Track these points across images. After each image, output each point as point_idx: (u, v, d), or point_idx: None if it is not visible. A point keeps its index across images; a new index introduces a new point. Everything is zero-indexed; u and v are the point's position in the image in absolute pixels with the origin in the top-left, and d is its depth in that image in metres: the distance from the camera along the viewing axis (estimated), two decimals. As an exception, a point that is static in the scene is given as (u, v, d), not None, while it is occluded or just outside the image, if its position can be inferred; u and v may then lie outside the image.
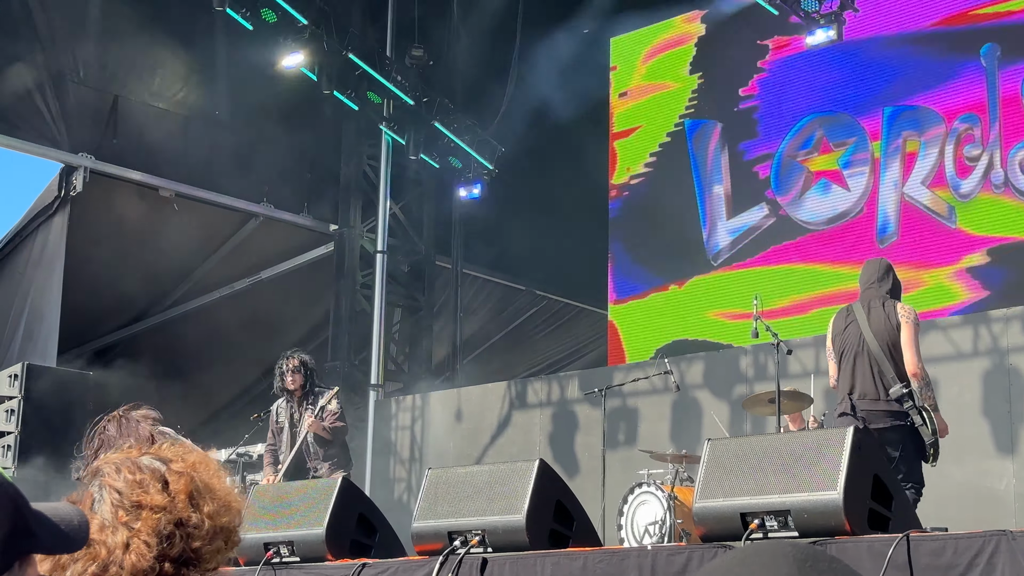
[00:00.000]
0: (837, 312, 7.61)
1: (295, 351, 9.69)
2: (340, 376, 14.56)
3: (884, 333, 7.13)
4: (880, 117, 13.41)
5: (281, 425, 9.55)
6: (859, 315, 7.23)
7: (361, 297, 14.96)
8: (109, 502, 1.85)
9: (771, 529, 5.50)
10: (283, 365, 9.47)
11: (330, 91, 13.44)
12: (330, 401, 9.33)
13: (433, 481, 6.84)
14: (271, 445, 9.64)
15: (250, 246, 15.13)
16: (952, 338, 10.54)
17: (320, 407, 9.27)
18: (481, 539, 6.33)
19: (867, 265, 7.64)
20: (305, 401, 9.42)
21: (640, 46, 15.72)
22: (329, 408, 9.33)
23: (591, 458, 11.68)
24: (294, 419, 9.46)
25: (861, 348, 7.17)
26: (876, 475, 5.60)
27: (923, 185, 13.00)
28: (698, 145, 14.91)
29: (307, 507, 7.16)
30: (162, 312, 15.30)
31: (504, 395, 13.35)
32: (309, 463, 9.43)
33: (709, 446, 5.92)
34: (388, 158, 15.05)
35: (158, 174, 13.90)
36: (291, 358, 9.50)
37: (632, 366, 12.50)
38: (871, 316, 7.21)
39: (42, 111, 12.98)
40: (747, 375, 11.56)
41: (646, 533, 9.22)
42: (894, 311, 7.18)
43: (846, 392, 7.25)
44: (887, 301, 7.24)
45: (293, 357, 9.51)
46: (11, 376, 11.38)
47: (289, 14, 12.75)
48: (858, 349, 7.19)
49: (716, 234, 14.55)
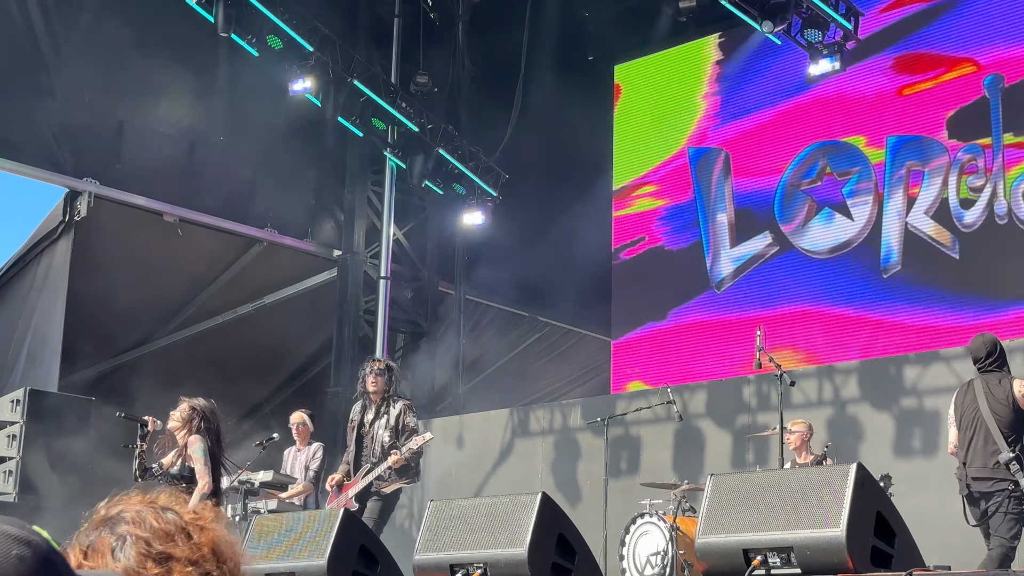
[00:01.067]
0: (960, 386, 8.33)
1: (380, 357, 9.94)
2: (342, 401, 14.56)
3: (1000, 408, 7.82)
4: (883, 147, 13.43)
5: (353, 425, 9.77)
6: (978, 391, 7.94)
7: (364, 323, 14.96)
8: (136, 551, 1.78)
9: (774, 566, 5.49)
10: (367, 368, 9.74)
11: (335, 117, 13.48)
12: (407, 415, 9.57)
13: (435, 513, 6.83)
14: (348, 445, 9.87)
15: (254, 271, 15.14)
16: (955, 369, 10.53)
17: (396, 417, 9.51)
18: (483, 572, 6.32)
19: (977, 341, 8.19)
20: (382, 407, 9.63)
21: (644, 74, 15.77)
22: (408, 423, 9.54)
23: (593, 487, 11.66)
24: (364, 421, 9.67)
25: (978, 422, 7.86)
26: (879, 512, 5.58)
27: (926, 215, 13.01)
28: (702, 173, 14.94)
29: (309, 538, 7.14)
30: (165, 337, 15.29)
31: (506, 422, 13.33)
32: None
33: (712, 481, 5.91)
34: (392, 184, 15.09)
35: (162, 199, 13.92)
36: (377, 361, 9.88)
37: (635, 394, 12.49)
38: (989, 393, 7.89)
39: (47, 136, 13.01)
40: (750, 405, 11.55)
41: (648, 564, 9.20)
42: (1011, 387, 7.85)
43: (960, 461, 7.99)
44: (1004, 378, 7.92)
45: (379, 361, 9.92)
46: (13, 401, 11.36)
47: (295, 41, 12.79)
48: (976, 423, 7.88)
49: (719, 262, 14.56)
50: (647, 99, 15.69)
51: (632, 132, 15.75)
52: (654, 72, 15.65)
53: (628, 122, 15.83)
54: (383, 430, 9.52)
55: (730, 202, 14.60)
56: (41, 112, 12.97)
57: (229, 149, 14.42)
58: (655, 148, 15.41)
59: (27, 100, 12.86)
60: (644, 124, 15.65)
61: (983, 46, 12.83)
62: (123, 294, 13.86)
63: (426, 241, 15.68)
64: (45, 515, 10.05)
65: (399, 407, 9.57)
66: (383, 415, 9.57)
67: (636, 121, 15.76)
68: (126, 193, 13.63)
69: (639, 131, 15.68)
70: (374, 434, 9.56)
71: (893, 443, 10.59)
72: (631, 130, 15.77)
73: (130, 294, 13.98)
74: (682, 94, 15.28)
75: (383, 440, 9.49)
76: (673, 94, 15.38)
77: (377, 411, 9.61)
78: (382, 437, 9.50)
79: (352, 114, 13.65)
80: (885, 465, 9.68)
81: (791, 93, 14.10)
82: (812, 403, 11.16)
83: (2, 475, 11.16)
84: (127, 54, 13.23)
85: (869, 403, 10.91)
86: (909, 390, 10.72)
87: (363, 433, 9.64)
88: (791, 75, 13.57)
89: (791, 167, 14.10)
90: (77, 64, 13.13)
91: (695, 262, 14.73)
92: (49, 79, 12.96)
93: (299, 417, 10.86)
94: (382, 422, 9.55)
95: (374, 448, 9.54)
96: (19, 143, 12.88)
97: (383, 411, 9.58)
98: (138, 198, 13.74)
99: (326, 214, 15.40)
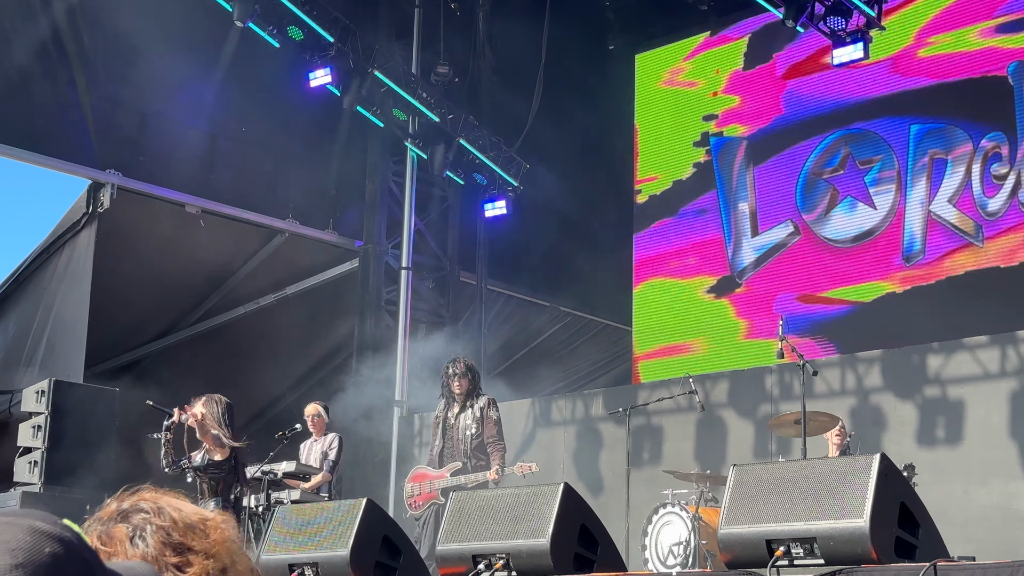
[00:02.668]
0: None
1: (460, 357, 10.48)
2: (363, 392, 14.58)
3: None
4: (907, 134, 13.36)
5: (438, 421, 10.21)
6: None
7: (386, 313, 14.98)
8: (156, 540, 1.78)
9: (796, 556, 5.48)
10: (451, 370, 10.15)
11: (356, 108, 13.48)
12: (490, 408, 10.05)
13: (457, 504, 6.83)
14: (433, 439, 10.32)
15: (276, 262, 15.18)
16: (979, 358, 10.49)
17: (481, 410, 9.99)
18: (505, 563, 6.32)
19: None
20: (467, 402, 10.08)
21: (665, 63, 15.72)
22: (490, 416, 10.01)
23: (615, 476, 11.66)
24: (450, 416, 10.13)
25: None
26: (903, 502, 5.56)
27: (950, 203, 12.94)
28: (723, 162, 14.89)
29: (331, 529, 7.16)
30: (188, 327, 15.35)
31: (528, 412, 13.33)
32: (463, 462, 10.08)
33: (735, 471, 5.89)
34: (413, 174, 15.09)
35: (184, 190, 13.96)
36: (459, 363, 10.22)
37: (657, 384, 12.47)
38: None
39: (70, 128, 13.06)
40: (772, 394, 11.52)
41: (670, 554, 9.19)
42: None
43: None
44: None
45: (461, 363, 10.23)
46: (38, 392, 11.41)
47: (315, 32, 12.80)
48: None
49: (741, 251, 14.52)
50: (668, 88, 15.64)
51: (654, 121, 15.71)
52: (676, 61, 15.60)
53: (649, 111, 15.79)
54: (469, 422, 10.00)
55: (752, 191, 14.56)
56: (64, 105, 13.02)
57: (251, 141, 14.45)
58: (677, 137, 15.37)
59: (50, 93, 12.91)
60: (666, 113, 15.60)
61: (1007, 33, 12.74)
62: (146, 285, 13.92)
63: (447, 231, 15.68)
64: (70, 506, 10.10)
65: (483, 401, 10.08)
66: (468, 408, 10.04)
67: (658, 110, 15.71)
68: (149, 185, 13.68)
69: (661, 120, 15.64)
70: (460, 427, 10.02)
71: (916, 433, 10.55)
72: (653, 119, 15.73)
73: (153, 285, 14.04)
74: (702, 83, 15.23)
75: (470, 433, 9.97)
76: (694, 83, 15.33)
77: (462, 406, 10.08)
78: (468, 430, 9.97)
79: (373, 105, 13.65)
80: (909, 455, 9.66)
81: (814, 81, 14.04)
82: (835, 392, 11.12)
83: (28, 465, 11.22)
84: (150, 46, 13.26)
85: (892, 392, 10.87)
86: (932, 379, 10.68)
87: (448, 427, 10.10)
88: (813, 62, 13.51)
89: (813, 155, 14.05)
90: (100, 57, 13.17)
91: (717, 250, 14.69)
92: (72, 72, 13.00)
93: (314, 409, 10.90)
94: (467, 415, 10.02)
95: (460, 442, 10.00)
96: (42, 136, 12.94)
97: (468, 405, 10.06)
98: (161, 190, 13.79)
99: (348, 205, 15.41)
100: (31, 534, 1.40)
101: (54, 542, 1.41)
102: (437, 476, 10.06)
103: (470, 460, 9.94)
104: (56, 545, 1.40)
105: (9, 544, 1.37)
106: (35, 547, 1.39)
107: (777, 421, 9.85)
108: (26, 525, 1.40)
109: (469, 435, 9.94)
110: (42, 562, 1.37)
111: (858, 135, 13.75)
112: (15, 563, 1.35)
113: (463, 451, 9.98)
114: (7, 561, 1.36)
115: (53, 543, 1.40)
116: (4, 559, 1.36)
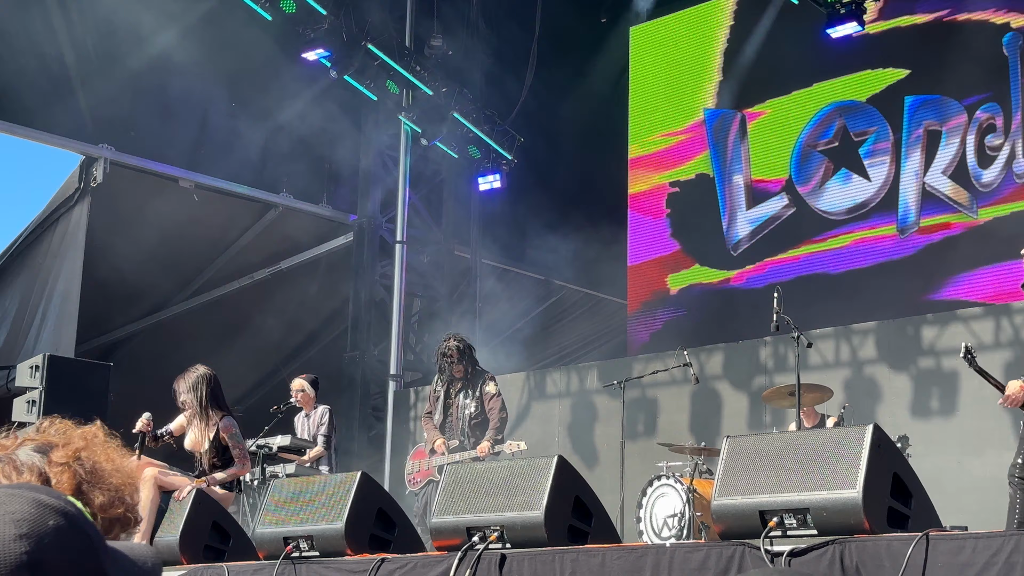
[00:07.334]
0: None
1: (452, 336, 10.24)
2: (359, 366, 14.60)
3: None
4: (901, 106, 13.34)
5: (438, 395, 10.15)
6: None
7: (380, 287, 14.98)
8: (28, 448, 1.84)
9: (790, 527, 5.48)
10: (446, 352, 10.02)
11: (349, 81, 13.44)
12: (488, 383, 10.01)
13: (452, 476, 6.84)
14: (429, 413, 10.25)
15: (270, 236, 15.16)
16: (974, 329, 10.50)
17: (479, 387, 9.95)
18: (500, 535, 6.32)
19: None
20: (466, 381, 10.04)
21: (659, 35, 15.67)
22: (488, 391, 9.97)
23: (610, 449, 11.68)
24: (450, 393, 10.08)
25: None
26: (895, 473, 5.56)
27: (944, 175, 12.93)
28: (718, 134, 14.87)
29: (326, 501, 7.16)
30: (182, 302, 15.35)
31: (523, 385, 13.35)
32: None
33: (728, 443, 5.89)
34: (407, 148, 15.06)
35: (178, 165, 13.93)
36: (452, 346, 10.00)
37: (652, 357, 12.48)
38: None
39: (62, 103, 13.01)
40: (767, 367, 11.53)
41: (665, 526, 9.22)
42: None
43: None
44: None
45: (453, 348, 9.98)
46: (32, 367, 11.40)
47: (308, 4, 12.75)
48: None
49: (736, 224, 14.51)
50: (662, 61, 15.59)
51: (647, 95, 15.67)
52: (669, 34, 15.55)
53: (643, 85, 15.74)
54: (468, 402, 9.99)
55: (746, 164, 14.53)
56: (56, 79, 12.97)
57: (244, 115, 14.40)
58: (670, 111, 15.33)
59: (42, 68, 12.85)
60: (659, 87, 15.56)
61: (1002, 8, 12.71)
62: (139, 260, 13.90)
63: (442, 205, 15.66)
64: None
65: (482, 380, 10.04)
66: (467, 388, 10.03)
67: (651, 84, 15.67)
68: (142, 159, 13.65)
69: (654, 94, 15.60)
70: (459, 405, 10.02)
71: (910, 404, 10.57)
72: (646, 93, 15.69)
73: (146, 260, 14.01)
74: (697, 56, 15.18)
75: (469, 411, 9.96)
76: (688, 56, 15.29)
77: (463, 386, 10.06)
78: (467, 409, 9.96)
79: (366, 78, 13.61)
80: (902, 426, 9.68)
81: (808, 53, 14.00)
82: (829, 364, 11.14)
83: (22, 441, 11.22)
84: (140, 21, 13.19)
85: (886, 364, 10.89)
86: (927, 350, 10.69)
87: (448, 403, 10.09)
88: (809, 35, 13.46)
89: (807, 127, 14.02)
90: (91, 32, 13.10)
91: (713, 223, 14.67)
92: (63, 47, 12.94)
93: (299, 384, 10.80)
94: (467, 395, 10.02)
95: (459, 420, 10.00)
96: (36, 110, 12.89)
97: (468, 385, 10.04)
98: (154, 164, 13.77)
99: (342, 178, 15.38)
100: (36, 506, 1.42)
101: (58, 515, 1.42)
102: (437, 453, 10.06)
103: (468, 439, 9.93)
104: (60, 518, 1.42)
105: (15, 515, 1.39)
106: (40, 519, 1.40)
107: (771, 393, 9.87)
108: (31, 497, 1.43)
109: (468, 414, 9.95)
110: (46, 533, 1.39)
111: (853, 107, 13.72)
112: (19, 533, 1.38)
113: (461, 429, 9.97)
114: (12, 531, 1.38)
115: (57, 516, 1.42)
116: (10, 529, 1.38)
